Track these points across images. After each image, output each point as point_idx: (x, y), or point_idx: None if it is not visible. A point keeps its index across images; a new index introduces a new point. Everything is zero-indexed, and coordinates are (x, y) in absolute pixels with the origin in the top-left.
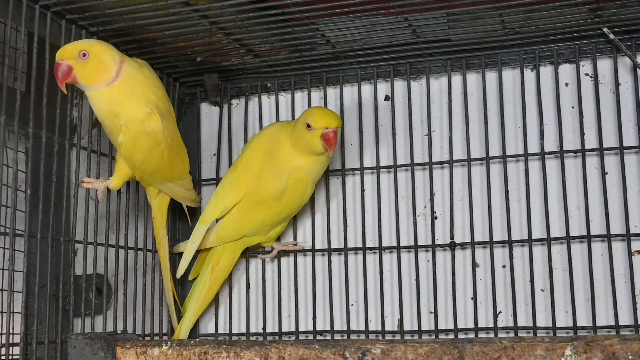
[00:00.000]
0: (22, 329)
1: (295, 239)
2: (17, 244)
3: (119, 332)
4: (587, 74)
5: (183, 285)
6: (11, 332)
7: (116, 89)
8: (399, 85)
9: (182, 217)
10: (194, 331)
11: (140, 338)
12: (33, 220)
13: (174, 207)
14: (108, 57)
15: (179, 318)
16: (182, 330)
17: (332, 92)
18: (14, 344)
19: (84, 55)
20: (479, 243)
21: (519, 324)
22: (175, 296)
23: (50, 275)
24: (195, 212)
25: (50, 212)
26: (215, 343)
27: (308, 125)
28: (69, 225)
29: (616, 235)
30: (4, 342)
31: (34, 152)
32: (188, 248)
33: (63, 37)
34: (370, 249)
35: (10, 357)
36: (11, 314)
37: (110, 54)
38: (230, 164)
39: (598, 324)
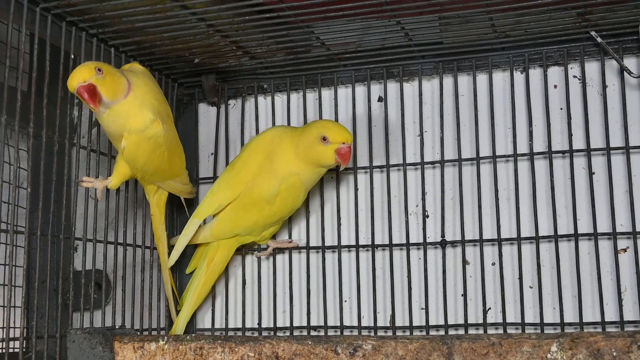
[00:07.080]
0: (22, 323)
1: (290, 236)
2: (18, 240)
3: (117, 326)
4: (575, 77)
5: (181, 280)
6: (11, 326)
7: (131, 100)
8: (392, 86)
9: (180, 212)
10: (191, 325)
11: (139, 332)
12: (34, 217)
13: (172, 202)
14: (115, 71)
15: (178, 312)
16: (180, 323)
17: (327, 94)
18: (13, 339)
19: (99, 70)
20: (469, 241)
21: (508, 320)
22: (175, 290)
23: (51, 270)
24: (193, 204)
25: (51, 209)
26: (211, 338)
27: (324, 139)
28: (69, 222)
29: (603, 234)
30: (3, 336)
31: (34, 151)
32: (180, 240)
33: (63, 39)
34: (363, 246)
35: (9, 351)
36: (11, 309)
37: (114, 68)
38: (227, 163)
39: (584, 320)
